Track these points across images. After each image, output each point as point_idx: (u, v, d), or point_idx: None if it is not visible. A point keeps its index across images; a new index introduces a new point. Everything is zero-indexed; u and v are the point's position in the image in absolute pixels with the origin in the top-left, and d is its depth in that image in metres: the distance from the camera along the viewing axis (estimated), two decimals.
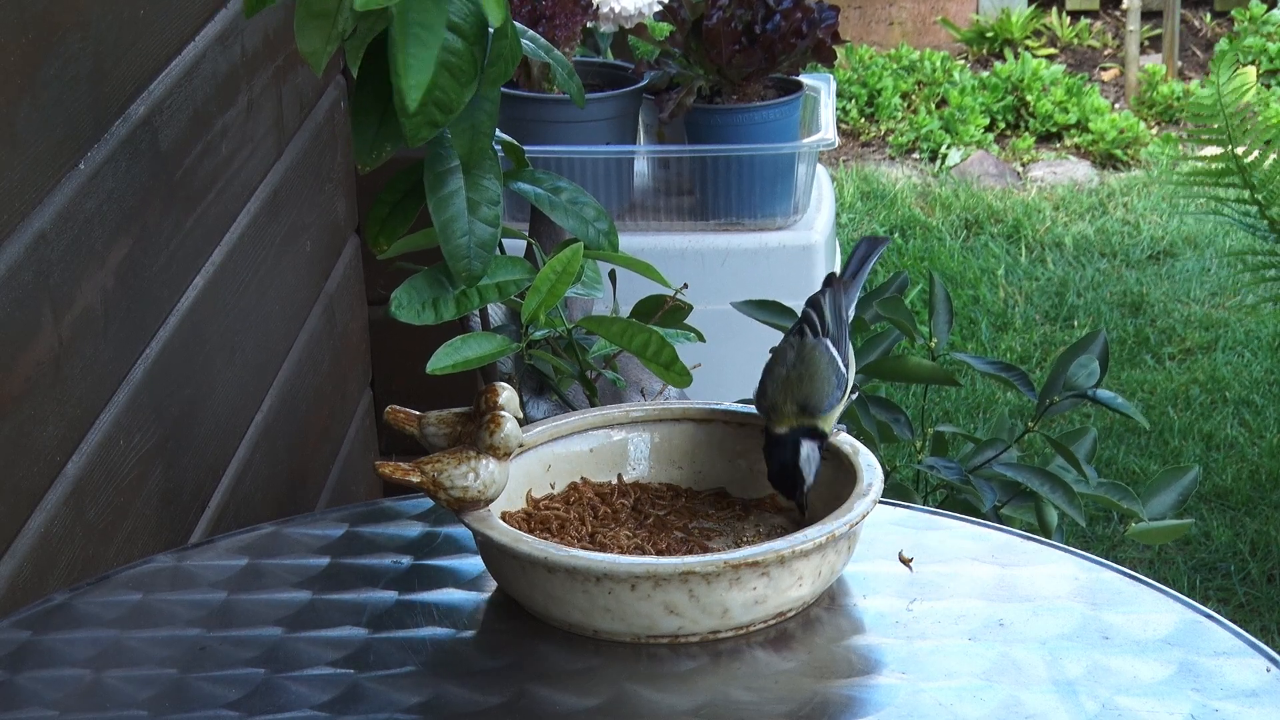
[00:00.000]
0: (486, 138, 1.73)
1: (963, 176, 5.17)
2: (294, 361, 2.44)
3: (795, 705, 1.31)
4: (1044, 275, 4.55)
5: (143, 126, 1.89)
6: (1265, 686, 1.33)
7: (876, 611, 1.43)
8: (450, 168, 1.75)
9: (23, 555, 1.60)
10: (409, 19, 1.55)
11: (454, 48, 1.60)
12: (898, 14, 5.95)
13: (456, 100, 1.63)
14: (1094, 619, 1.41)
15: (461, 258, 1.74)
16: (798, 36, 2.93)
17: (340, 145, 2.71)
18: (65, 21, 1.70)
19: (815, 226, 3.04)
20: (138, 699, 1.33)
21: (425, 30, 1.56)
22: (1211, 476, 3.63)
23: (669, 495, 1.56)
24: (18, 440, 1.60)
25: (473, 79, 1.63)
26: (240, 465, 2.20)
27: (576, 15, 2.98)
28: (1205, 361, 4.11)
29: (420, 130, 1.63)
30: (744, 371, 2.64)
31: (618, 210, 3.01)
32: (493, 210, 1.75)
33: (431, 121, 1.63)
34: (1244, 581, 3.31)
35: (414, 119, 1.62)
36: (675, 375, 1.79)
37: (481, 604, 1.46)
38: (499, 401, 1.43)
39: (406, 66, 1.55)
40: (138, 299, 1.88)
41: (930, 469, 2.24)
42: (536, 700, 1.32)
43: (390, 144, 1.71)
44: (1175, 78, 5.68)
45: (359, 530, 1.58)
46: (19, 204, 1.61)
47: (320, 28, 1.63)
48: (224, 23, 2.17)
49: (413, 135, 1.64)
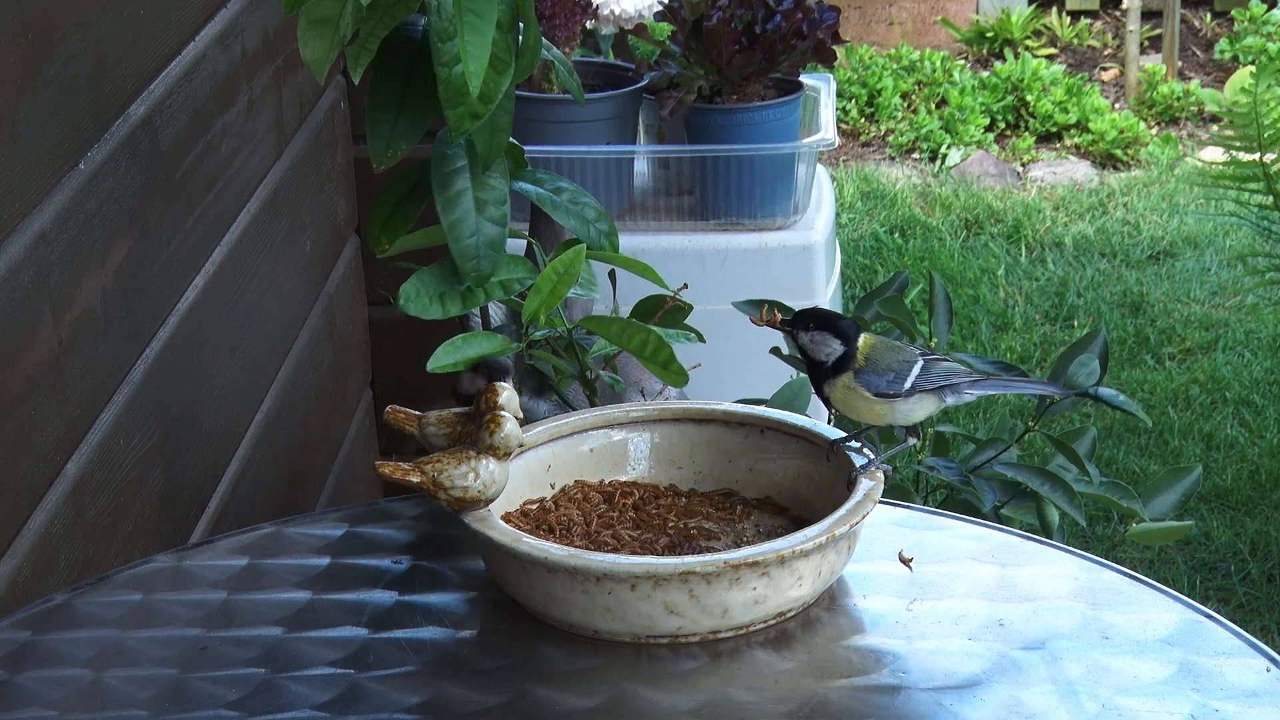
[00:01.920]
0: (505, 134, 1.73)
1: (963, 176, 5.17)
2: (294, 361, 2.44)
3: (795, 705, 1.31)
4: (1044, 275, 4.55)
5: (143, 126, 1.89)
6: (1265, 686, 1.32)
7: (876, 611, 1.43)
8: (457, 168, 1.75)
9: (23, 555, 1.60)
10: (464, 7, 1.56)
11: (495, 38, 1.61)
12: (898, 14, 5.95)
13: (496, 90, 1.63)
14: (1094, 619, 1.41)
15: (470, 257, 1.74)
16: (798, 36, 2.93)
17: (340, 145, 2.71)
18: (65, 21, 1.70)
19: (815, 226, 3.04)
20: (138, 699, 1.33)
21: (479, 18, 1.57)
22: (1211, 476, 3.63)
23: (669, 495, 1.56)
24: (18, 440, 1.60)
25: (509, 68, 1.64)
26: (240, 465, 2.20)
27: (576, 15, 2.98)
28: (1205, 361, 4.11)
29: (464, 122, 1.64)
30: (744, 371, 2.65)
31: (618, 210, 3.01)
32: (500, 210, 1.75)
33: (474, 113, 1.64)
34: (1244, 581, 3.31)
35: (456, 110, 1.62)
36: (672, 375, 1.79)
37: (481, 604, 1.46)
38: (499, 401, 1.43)
39: (467, 54, 1.55)
40: (138, 299, 1.88)
41: (930, 469, 2.24)
42: (536, 700, 1.32)
43: (406, 142, 1.71)
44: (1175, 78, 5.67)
45: (359, 530, 1.58)
46: (19, 204, 1.61)
47: (323, 34, 1.63)
48: (224, 23, 2.17)
49: (456, 127, 1.64)
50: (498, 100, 1.64)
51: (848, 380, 1.50)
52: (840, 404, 1.52)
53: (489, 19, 1.57)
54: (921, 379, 1.50)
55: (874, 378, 1.49)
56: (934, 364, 1.52)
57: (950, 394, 1.51)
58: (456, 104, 1.61)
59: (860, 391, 1.49)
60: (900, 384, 1.50)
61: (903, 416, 1.51)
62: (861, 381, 1.50)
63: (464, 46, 1.55)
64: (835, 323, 1.52)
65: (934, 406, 1.51)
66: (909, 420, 1.51)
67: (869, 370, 1.49)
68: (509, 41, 1.63)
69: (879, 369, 1.50)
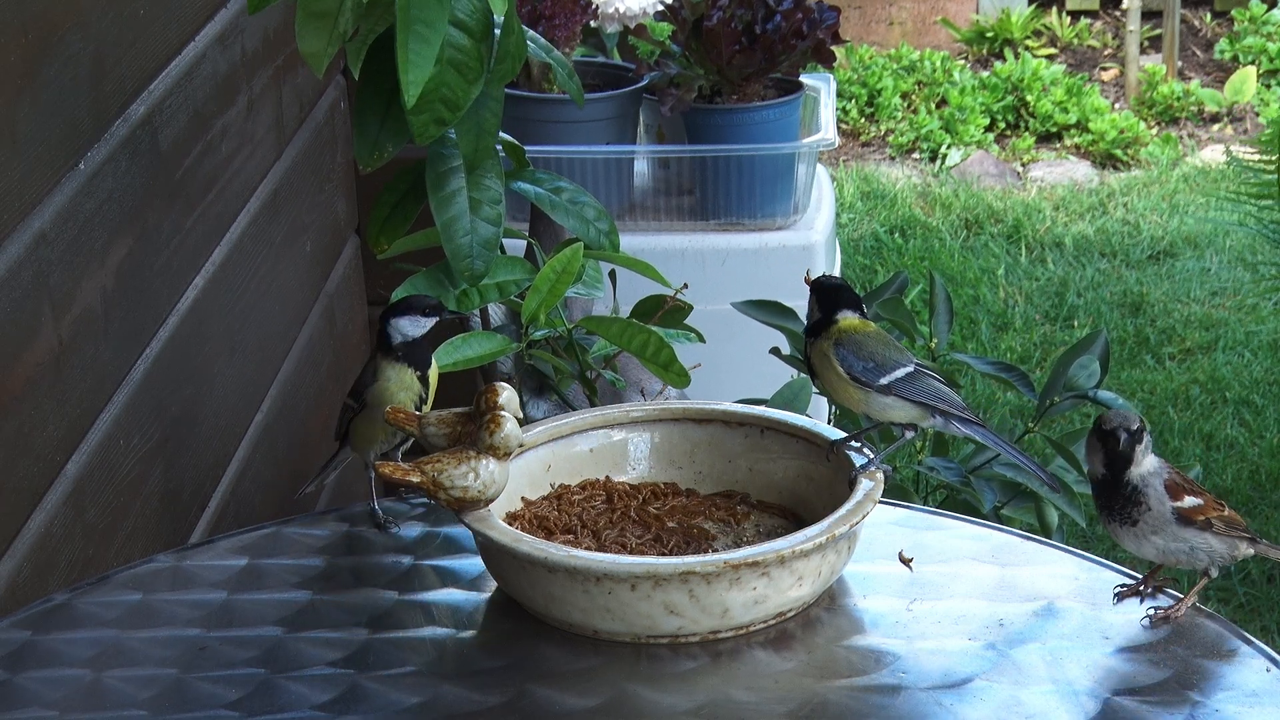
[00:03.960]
0: (491, 136, 1.73)
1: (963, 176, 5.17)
2: (294, 361, 2.44)
3: (795, 705, 1.31)
4: (1044, 275, 4.55)
5: (143, 126, 1.89)
6: (1265, 686, 1.32)
7: (876, 611, 1.43)
8: (452, 167, 1.75)
9: (23, 555, 1.60)
10: (411, 15, 1.55)
11: (460, 44, 1.60)
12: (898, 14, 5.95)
13: (464, 97, 1.63)
14: (1094, 619, 1.41)
15: (464, 257, 1.74)
16: (798, 37, 2.92)
17: (340, 145, 2.71)
18: (65, 21, 1.70)
19: (815, 226, 3.04)
20: (138, 699, 1.33)
21: (427, 27, 1.56)
22: (1211, 476, 3.62)
23: (669, 495, 1.56)
24: (18, 440, 1.60)
25: (479, 76, 1.63)
26: (240, 465, 2.20)
27: (576, 15, 2.97)
28: (1205, 361, 4.11)
29: (428, 128, 1.64)
30: (744, 371, 2.65)
31: (618, 210, 3.01)
32: (495, 209, 1.75)
33: (439, 119, 1.63)
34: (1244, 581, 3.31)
35: (420, 116, 1.62)
36: (674, 375, 1.79)
37: (481, 604, 1.46)
38: (499, 401, 1.43)
39: (407, 63, 1.55)
40: (138, 299, 1.88)
41: (930, 469, 2.24)
42: (536, 700, 1.32)
43: (392, 144, 1.71)
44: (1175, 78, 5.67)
45: (359, 530, 1.58)
46: (19, 204, 1.61)
47: (321, 29, 1.63)
48: (224, 23, 2.17)
49: (420, 133, 1.64)
50: (466, 106, 1.63)
51: (826, 348, 1.54)
52: (819, 373, 1.55)
53: (437, 28, 1.56)
54: (904, 385, 1.52)
55: (851, 358, 1.52)
56: (926, 378, 1.53)
57: (937, 416, 1.53)
58: (417, 111, 1.61)
59: (835, 365, 1.53)
60: (876, 375, 1.52)
61: (877, 412, 1.53)
62: (838, 355, 1.53)
63: (405, 55, 1.54)
64: (826, 290, 1.56)
65: (914, 417, 1.53)
66: (885, 418, 1.54)
67: (848, 348, 1.52)
68: (480, 49, 1.62)
69: (860, 352, 1.52)
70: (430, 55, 1.56)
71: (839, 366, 1.52)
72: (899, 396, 1.52)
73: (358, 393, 1.63)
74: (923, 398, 1.52)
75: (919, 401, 1.52)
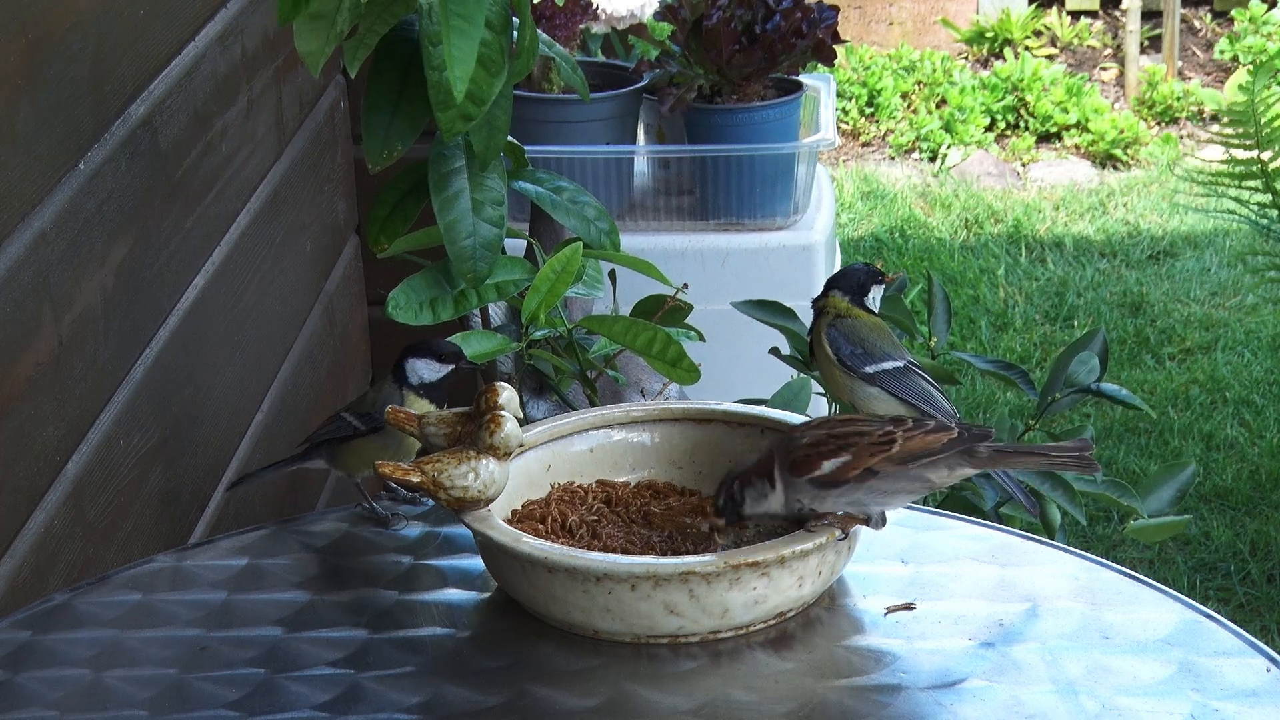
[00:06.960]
0: (502, 134, 1.73)
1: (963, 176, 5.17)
2: (294, 361, 2.44)
3: (795, 705, 1.31)
4: (1044, 275, 4.55)
5: (143, 126, 1.89)
6: (1265, 686, 1.32)
7: (876, 611, 1.43)
8: (455, 168, 1.75)
9: (23, 555, 1.60)
10: (450, 11, 1.55)
11: (486, 39, 1.61)
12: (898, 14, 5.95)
13: (488, 92, 1.63)
14: (1094, 619, 1.41)
15: (467, 259, 1.73)
16: (798, 36, 2.93)
17: (340, 145, 2.71)
18: (65, 21, 1.70)
19: (815, 226, 3.04)
20: (138, 699, 1.33)
21: (466, 22, 1.56)
22: (1211, 476, 3.62)
23: (669, 495, 1.56)
24: (18, 440, 1.60)
25: (502, 70, 1.64)
26: (240, 465, 2.20)
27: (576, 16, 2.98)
28: (1205, 361, 4.11)
29: (455, 124, 1.64)
30: (744, 371, 2.65)
31: (618, 210, 3.01)
32: (497, 210, 1.75)
33: (465, 115, 1.64)
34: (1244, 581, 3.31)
35: (448, 113, 1.62)
36: (682, 372, 1.78)
37: (481, 604, 1.46)
38: (499, 401, 1.43)
39: (451, 58, 1.55)
40: (138, 299, 1.88)
41: None
42: (536, 700, 1.32)
43: (401, 142, 1.71)
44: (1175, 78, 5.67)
45: (359, 530, 1.58)
46: (19, 204, 1.61)
47: (318, 28, 1.63)
48: (224, 23, 2.17)
49: (448, 129, 1.64)
50: (490, 101, 1.64)
51: (822, 327, 1.58)
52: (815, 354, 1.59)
53: (476, 22, 1.57)
54: (889, 378, 1.54)
55: (841, 340, 1.55)
56: (914, 377, 1.54)
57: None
58: (447, 107, 1.61)
59: (825, 346, 1.55)
60: (863, 363, 1.54)
61: (862, 403, 1.55)
62: (829, 336, 1.56)
63: (449, 51, 1.55)
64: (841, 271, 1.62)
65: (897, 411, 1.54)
66: (867, 407, 1.56)
67: (839, 331, 1.55)
68: (502, 43, 1.62)
69: (851, 337, 1.54)
70: (472, 51, 1.56)
71: (828, 347, 1.55)
72: (883, 389, 1.53)
73: (368, 416, 1.63)
74: (907, 395, 1.53)
75: (903, 399, 1.53)
